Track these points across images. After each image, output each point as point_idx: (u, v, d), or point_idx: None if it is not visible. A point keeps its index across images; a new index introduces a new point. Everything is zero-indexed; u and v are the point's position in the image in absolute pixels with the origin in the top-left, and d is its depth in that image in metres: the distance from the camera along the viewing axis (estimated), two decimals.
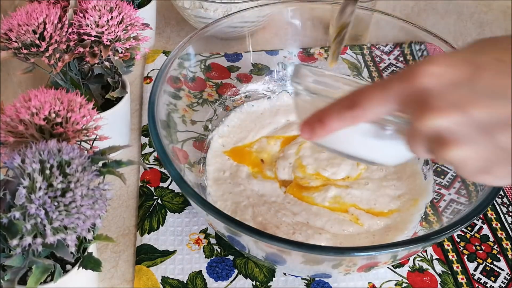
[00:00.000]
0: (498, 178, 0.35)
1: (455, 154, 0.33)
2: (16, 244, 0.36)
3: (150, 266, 0.54)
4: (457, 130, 0.33)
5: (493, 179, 0.35)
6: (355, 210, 0.58)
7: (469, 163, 0.34)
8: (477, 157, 0.33)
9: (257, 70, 0.72)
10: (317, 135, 0.40)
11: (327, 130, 0.39)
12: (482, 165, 0.34)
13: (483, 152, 0.33)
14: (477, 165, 0.34)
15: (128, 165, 0.42)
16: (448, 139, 0.33)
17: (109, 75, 0.60)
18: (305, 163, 0.61)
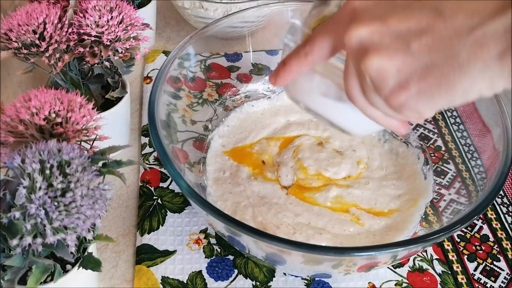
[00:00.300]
0: (415, 97, 0.35)
1: (374, 63, 0.35)
2: (16, 244, 0.36)
3: (150, 266, 0.54)
4: (377, 39, 0.35)
5: (412, 99, 0.36)
6: (356, 210, 0.58)
7: (387, 75, 0.35)
8: (394, 68, 0.35)
9: (257, 70, 0.72)
10: (279, 77, 0.45)
11: (287, 71, 0.44)
12: (400, 78, 0.35)
13: (399, 61, 0.35)
14: (394, 78, 0.35)
15: (128, 165, 0.42)
16: (369, 48, 0.35)
17: (109, 75, 0.60)
18: (306, 165, 0.61)
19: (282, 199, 0.59)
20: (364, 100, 0.40)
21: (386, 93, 0.36)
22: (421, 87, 0.35)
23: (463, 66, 0.33)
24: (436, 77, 0.34)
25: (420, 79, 0.35)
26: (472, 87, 0.34)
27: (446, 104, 0.36)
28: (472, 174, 0.58)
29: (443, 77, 0.34)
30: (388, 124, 0.42)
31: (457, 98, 0.35)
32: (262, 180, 0.60)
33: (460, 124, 0.65)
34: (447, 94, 0.35)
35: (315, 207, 0.58)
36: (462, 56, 0.33)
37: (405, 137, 0.66)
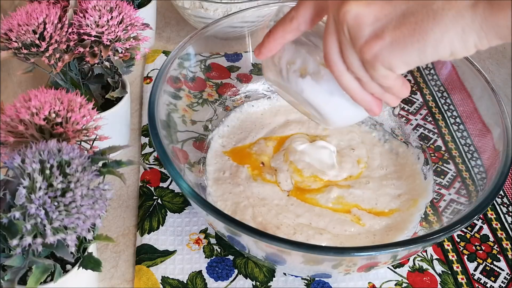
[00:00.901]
0: (389, 47, 0.36)
1: (353, 9, 0.36)
2: (16, 244, 0.36)
3: (150, 266, 0.54)
4: None
5: (385, 49, 0.36)
6: (357, 210, 0.58)
7: (364, 21, 0.36)
8: (372, 15, 0.36)
9: (257, 70, 0.72)
10: (264, 47, 0.46)
11: (272, 39, 0.45)
12: (376, 27, 0.36)
13: (377, 8, 0.36)
14: (371, 26, 0.36)
15: (128, 165, 0.42)
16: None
17: (109, 75, 0.60)
18: (301, 167, 0.61)
19: (283, 200, 0.59)
20: (341, 64, 0.40)
21: (362, 42, 0.37)
22: (395, 35, 0.36)
23: (437, 13, 0.34)
24: (410, 24, 0.35)
25: (395, 27, 0.36)
26: (443, 36, 0.35)
27: (418, 58, 0.36)
28: (472, 174, 0.58)
29: (417, 25, 0.35)
30: (363, 99, 0.43)
31: (428, 50, 0.35)
32: (261, 182, 0.60)
33: (460, 124, 0.65)
34: (419, 44, 0.35)
35: (316, 208, 0.58)
36: (437, 4, 0.34)
37: (405, 137, 0.66)
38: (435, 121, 0.67)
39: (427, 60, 0.37)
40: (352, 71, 0.40)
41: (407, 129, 0.67)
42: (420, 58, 0.36)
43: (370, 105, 0.44)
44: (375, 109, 0.44)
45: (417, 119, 0.68)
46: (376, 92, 0.42)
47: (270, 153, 0.64)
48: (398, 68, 0.37)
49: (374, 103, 0.44)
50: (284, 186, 0.60)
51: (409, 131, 0.66)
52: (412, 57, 0.36)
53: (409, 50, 0.36)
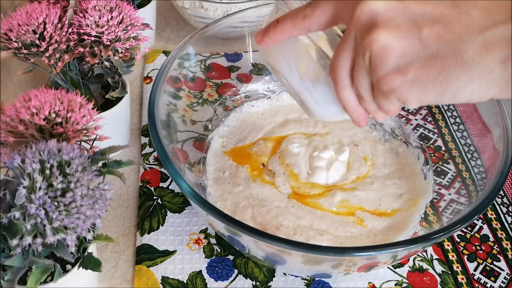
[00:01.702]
0: (409, 85, 0.35)
1: (382, 39, 0.35)
2: (16, 244, 0.36)
3: (150, 266, 0.54)
4: (390, 15, 0.35)
5: (404, 86, 0.35)
6: (361, 212, 0.58)
7: (390, 55, 0.35)
8: (400, 49, 0.35)
9: (257, 70, 0.72)
10: (268, 36, 0.43)
11: (278, 31, 0.43)
12: (401, 61, 0.35)
13: (406, 44, 0.35)
14: (396, 60, 0.35)
15: (128, 165, 0.42)
16: (379, 23, 0.35)
17: (109, 75, 0.60)
18: (297, 172, 0.61)
19: (283, 202, 0.58)
20: (346, 79, 0.39)
21: (381, 74, 0.36)
22: (419, 74, 0.35)
23: (466, 63, 0.33)
24: (437, 68, 0.34)
25: (420, 66, 0.35)
26: (466, 86, 0.34)
27: (433, 99, 0.36)
28: (472, 174, 0.58)
29: (444, 69, 0.34)
30: (355, 112, 0.42)
31: (447, 95, 0.35)
32: (261, 183, 0.60)
33: (460, 124, 0.65)
34: (441, 87, 0.35)
35: (318, 211, 0.58)
36: (468, 54, 0.33)
37: (405, 137, 0.66)
38: (435, 121, 0.67)
39: (441, 102, 0.36)
40: (357, 89, 0.39)
41: (407, 129, 0.67)
42: (436, 99, 0.36)
43: (359, 118, 0.43)
44: (363, 122, 0.43)
45: (417, 119, 0.68)
46: (371, 109, 0.41)
47: (270, 153, 0.64)
48: (412, 104, 0.37)
49: (363, 117, 0.43)
50: (283, 190, 0.60)
51: (409, 131, 0.66)
52: (428, 97, 0.36)
53: (428, 91, 0.35)
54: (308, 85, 0.46)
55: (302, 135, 0.66)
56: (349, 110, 0.42)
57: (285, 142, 0.64)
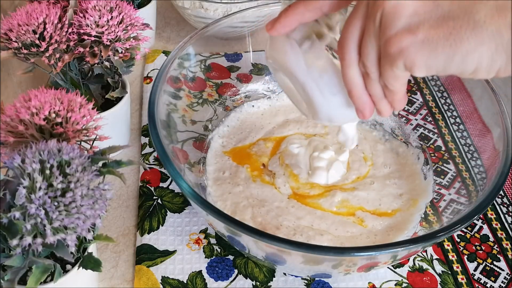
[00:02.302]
0: (418, 45, 0.35)
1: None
2: (16, 244, 0.36)
3: (150, 266, 0.54)
4: None
5: (413, 46, 0.35)
6: (361, 213, 0.58)
7: (401, 13, 0.35)
8: (412, 8, 0.35)
9: (257, 70, 0.72)
10: (279, 22, 0.43)
11: (290, 15, 0.42)
12: (412, 21, 0.35)
13: (418, 2, 0.35)
14: (407, 19, 0.35)
15: (128, 165, 0.42)
16: None
17: (109, 75, 0.60)
18: (297, 172, 0.61)
19: (283, 202, 0.58)
20: (354, 53, 0.39)
21: (391, 33, 0.35)
22: (429, 34, 0.35)
23: (477, 24, 0.34)
24: (448, 28, 0.34)
25: (431, 26, 0.35)
26: (475, 49, 0.34)
27: (442, 64, 0.35)
28: (472, 174, 0.58)
29: (455, 30, 0.34)
30: (360, 98, 0.42)
31: (456, 58, 0.35)
32: (260, 183, 0.60)
33: (460, 124, 0.65)
34: (450, 49, 0.34)
35: (318, 211, 0.57)
36: (480, 15, 0.33)
37: (405, 137, 0.66)
38: (435, 121, 0.67)
39: (449, 70, 0.36)
40: (364, 64, 0.39)
41: (407, 129, 0.67)
42: (444, 66, 0.35)
43: (364, 106, 0.43)
44: (367, 111, 0.43)
45: (417, 119, 0.68)
46: (376, 94, 0.41)
47: (270, 154, 0.64)
48: (419, 69, 0.36)
49: (368, 105, 0.43)
50: (283, 190, 0.60)
51: (409, 131, 0.66)
52: (437, 62, 0.35)
53: (437, 53, 0.35)
54: (315, 75, 0.45)
55: (302, 136, 0.66)
56: (354, 95, 0.42)
57: (285, 143, 0.64)
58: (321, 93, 0.46)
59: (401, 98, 0.41)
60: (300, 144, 0.63)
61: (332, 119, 0.48)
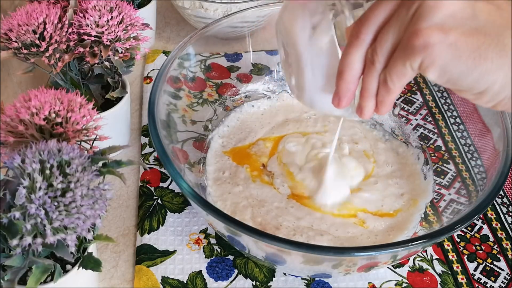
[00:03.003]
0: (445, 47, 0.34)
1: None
2: (16, 244, 0.36)
3: (150, 266, 0.54)
4: None
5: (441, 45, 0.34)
6: (363, 214, 0.57)
7: (441, 7, 0.34)
8: (451, 8, 0.34)
9: (257, 70, 0.72)
10: None
11: None
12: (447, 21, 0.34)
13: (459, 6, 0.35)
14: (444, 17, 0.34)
15: (128, 165, 0.42)
16: None
17: (109, 75, 0.60)
18: (292, 170, 0.61)
19: (283, 203, 0.58)
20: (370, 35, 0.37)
21: (423, 25, 0.35)
22: (458, 41, 0.34)
23: (504, 48, 0.34)
24: (478, 42, 0.34)
25: (463, 34, 0.34)
26: (494, 72, 0.34)
27: (456, 75, 0.35)
28: (472, 174, 0.58)
29: (483, 46, 0.34)
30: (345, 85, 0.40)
31: (474, 74, 0.34)
32: (260, 184, 0.60)
33: (460, 124, 0.65)
34: (473, 63, 0.34)
35: (318, 213, 0.57)
36: (507, 41, 0.34)
37: (405, 137, 0.66)
38: (435, 121, 0.67)
39: (459, 83, 0.35)
40: (375, 50, 0.37)
41: (407, 129, 0.67)
42: (459, 76, 0.35)
43: (345, 93, 0.41)
44: (344, 100, 0.41)
45: (417, 119, 0.68)
46: (369, 88, 0.39)
47: (269, 154, 0.64)
48: (434, 71, 0.35)
49: (349, 94, 0.41)
50: (282, 190, 0.59)
51: (409, 131, 0.66)
52: (455, 70, 0.35)
53: (459, 62, 0.34)
54: (314, 51, 0.44)
55: (300, 134, 0.66)
56: (344, 78, 0.40)
57: (282, 142, 0.64)
58: (312, 71, 0.45)
59: (391, 101, 0.40)
60: (297, 142, 0.63)
61: (313, 103, 0.47)
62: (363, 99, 0.41)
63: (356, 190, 0.59)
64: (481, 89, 0.35)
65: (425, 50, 0.35)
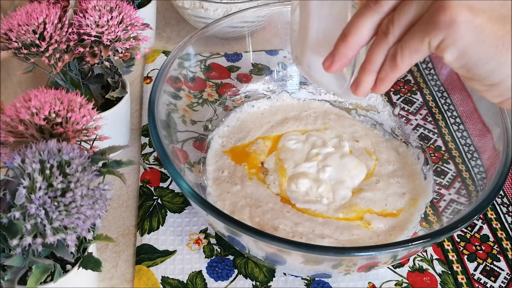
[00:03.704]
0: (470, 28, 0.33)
1: None
2: (16, 244, 0.36)
3: (150, 266, 0.54)
4: None
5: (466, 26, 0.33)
6: (369, 215, 0.57)
7: None
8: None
9: (257, 70, 0.72)
10: None
11: None
12: (476, 2, 0.33)
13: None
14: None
15: (128, 165, 0.42)
16: None
17: (109, 75, 0.60)
18: (286, 166, 0.61)
19: (277, 205, 0.58)
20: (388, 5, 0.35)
21: (453, 2, 0.33)
22: (484, 25, 0.33)
23: None
24: (503, 30, 0.33)
25: (490, 19, 0.33)
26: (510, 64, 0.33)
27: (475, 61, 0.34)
28: (472, 174, 0.58)
29: (508, 35, 0.33)
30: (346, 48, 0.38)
31: (491, 64, 0.33)
32: (256, 181, 0.60)
33: (460, 124, 0.65)
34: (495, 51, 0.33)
35: (319, 218, 0.56)
36: None
37: (405, 137, 0.66)
38: (435, 121, 0.67)
39: (475, 70, 0.34)
40: (393, 20, 0.35)
41: (407, 129, 0.67)
42: (476, 62, 0.34)
43: (341, 56, 0.38)
44: (338, 64, 0.38)
45: (417, 119, 0.68)
46: (374, 61, 0.37)
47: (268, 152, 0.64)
48: (453, 52, 0.34)
49: (344, 59, 0.38)
50: (273, 188, 0.59)
51: (409, 131, 0.66)
52: (474, 55, 0.33)
53: (481, 47, 0.33)
54: (324, 11, 0.42)
55: (299, 132, 0.66)
56: (346, 40, 0.37)
57: (282, 140, 0.64)
58: (317, 33, 0.43)
59: (392, 80, 0.38)
60: (297, 140, 0.63)
61: (310, 68, 0.45)
62: (363, 72, 0.38)
63: (358, 191, 0.59)
64: (495, 81, 0.34)
65: (449, 27, 0.33)
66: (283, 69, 0.72)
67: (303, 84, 0.72)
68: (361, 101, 0.70)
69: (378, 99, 0.70)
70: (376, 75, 0.38)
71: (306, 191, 0.58)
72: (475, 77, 0.35)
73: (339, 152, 0.62)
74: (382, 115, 0.69)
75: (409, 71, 0.73)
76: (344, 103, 0.71)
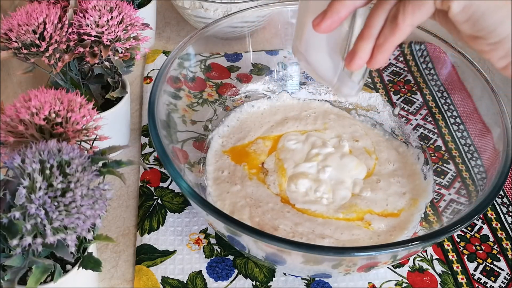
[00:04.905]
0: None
1: None
2: (16, 244, 0.36)
3: (150, 266, 0.54)
4: None
5: None
6: (370, 216, 0.57)
7: None
8: None
9: (257, 70, 0.72)
10: None
11: None
12: None
13: None
14: None
15: (128, 165, 0.42)
16: None
17: (109, 75, 0.60)
18: (286, 166, 0.61)
19: (278, 205, 0.58)
20: None
21: None
22: None
23: None
24: None
25: None
26: None
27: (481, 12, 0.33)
28: (472, 174, 0.58)
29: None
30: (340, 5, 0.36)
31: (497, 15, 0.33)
32: (256, 181, 0.60)
33: (460, 124, 0.65)
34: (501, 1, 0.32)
35: (319, 218, 0.56)
36: None
37: (405, 137, 0.66)
38: (435, 121, 0.67)
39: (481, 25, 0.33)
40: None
41: (407, 129, 0.67)
42: (482, 14, 0.33)
43: (334, 15, 0.36)
44: (328, 22, 0.36)
45: (417, 119, 0.68)
46: (373, 25, 0.36)
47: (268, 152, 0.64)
48: (459, 3, 0.33)
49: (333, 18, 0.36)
50: (273, 189, 0.59)
51: (409, 131, 0.66)
52: (481, 5, 0.33)
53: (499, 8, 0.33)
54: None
55: (299, 133, 0.66)
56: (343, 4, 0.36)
57: (282, 140, 0.64)
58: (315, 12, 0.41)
59: (390, 47, 0.36)
60: (297, 140, 0.63)
61: (307, 51, 0.45)
62: (361, 39, 0.37)
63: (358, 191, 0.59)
64: (500, 37, 0.33)
65: None
66: (283, 69, 0.72)
67: (303, 84, 0.72)
68: (360, 101, 0.70)
69: (378, 99, 0.70)
70: (374, 42, 0.36)
71: (305, 191, 0.58)
72: (481, 33, 0.34)
73: (339, 152, 0.62)
74: (382, 115, 0.69)
75: (409, 71, 0.73)
76: (344, 103, 0.71)
